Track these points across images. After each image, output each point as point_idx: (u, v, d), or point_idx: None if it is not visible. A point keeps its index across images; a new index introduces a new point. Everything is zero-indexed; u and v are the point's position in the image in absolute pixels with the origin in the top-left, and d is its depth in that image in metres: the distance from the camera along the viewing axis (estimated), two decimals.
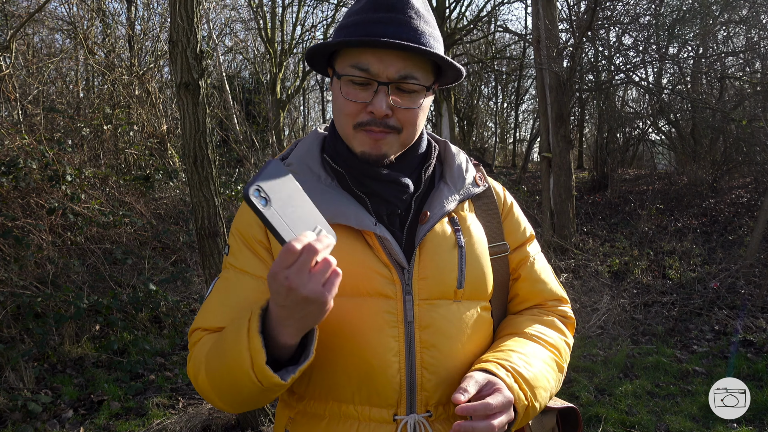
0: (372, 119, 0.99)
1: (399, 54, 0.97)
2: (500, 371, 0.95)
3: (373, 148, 1.01)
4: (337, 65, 1.02)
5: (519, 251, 1.16)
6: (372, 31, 0.96)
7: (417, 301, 1.00)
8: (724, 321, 4.85)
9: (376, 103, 0.97)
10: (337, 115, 1.04)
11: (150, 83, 8.04)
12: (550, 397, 1.04)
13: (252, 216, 1.07)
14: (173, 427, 3.20)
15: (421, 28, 0.98)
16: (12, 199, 5.11)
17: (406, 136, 1.03)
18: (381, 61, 0.96)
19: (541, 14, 7.62)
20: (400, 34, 0.96)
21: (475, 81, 16.33)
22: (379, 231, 1.00)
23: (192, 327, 1.06)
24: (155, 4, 9.90)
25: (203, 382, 0.97)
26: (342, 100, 1.00)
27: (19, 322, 4.15)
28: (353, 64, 0.98)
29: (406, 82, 0.98)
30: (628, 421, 3.33)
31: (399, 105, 0.99)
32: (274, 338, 0.87)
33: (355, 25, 0.98)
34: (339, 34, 1.01)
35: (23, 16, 7.06)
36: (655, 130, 12.26)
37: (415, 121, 1.02)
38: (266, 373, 0.85)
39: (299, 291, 0.80)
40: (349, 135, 1.02)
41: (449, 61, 1.00)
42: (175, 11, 2.96)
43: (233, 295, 1.03)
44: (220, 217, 3.14)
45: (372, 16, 0.97)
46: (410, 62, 0.98)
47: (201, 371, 0.97)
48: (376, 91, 0.97)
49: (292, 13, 13.46)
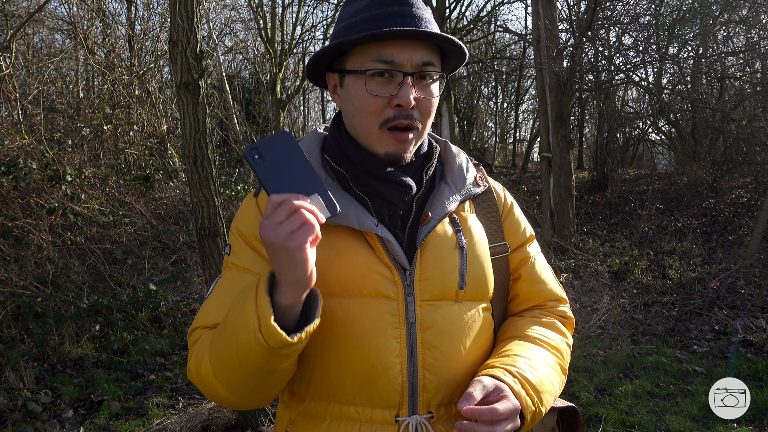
0: (398, 113, 0.99)
1: (419, 44, 0.99)
2: (507, 377, 0.95)
3: (397, 149, 1.01)
4: (351, 63, 1.01)
5: (519, 251, 1.16)
6: (390, 24, 0.97)
7: (418, 302, 1.00)
8: (724, 321, 4.85)
9: (403, 94, 0.97)
10: (358, 115, 1.02)
11: (150, 83, 8.04)
12: (554, 399, 1.04)
13: (252, 215, 1.07)
14: (173, 427, 3.20)
15: (428, 17, 1.01)
16: (12, 199, 5.11)
17: (423, 129, 1.04)
18: (404, 51, 0.97)
19: (541, 14, 7.62)
20: (416, 23, 0.98)
21: (475, 81, 16.34)
22: (381, 232, 0.99)
23: (192, 326, 1.05)
24: (155, 4, 9.90)
25: (206, 370, 0.94)
26: (365, 97, 0.99)
27: (19, 322, 4.15)
28: (376, 58, 0.98)
29: (428, 70, 1.00)
30: (628, 421, 3.33)
31: (421, 95, 1.00)
32: (278, 302, 0.87)
33: (368, 22, 0.98)
34: (348, 32, 1.00)
35: (23, 16, 7.06)
36: (655, 130, 12.27)
37: (432, 112, 1.04)
38: (273, 330, 0.83)
39: (267, 238, 0.83)
40: (372, 135, 1.01)
41: (461, 45, 1.02)
42: (175, 11, 2.96)
43: (236, 293, 1.02)
44: (220, 217, 3.14)
45: (384, 10, 0.98)
46: (427, 51, 1.00)
47: (204, 359, 0.95)
48: (400, 83, 0.98)
49: (292, 13, 13.47)
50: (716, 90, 10.02)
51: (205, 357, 0.95)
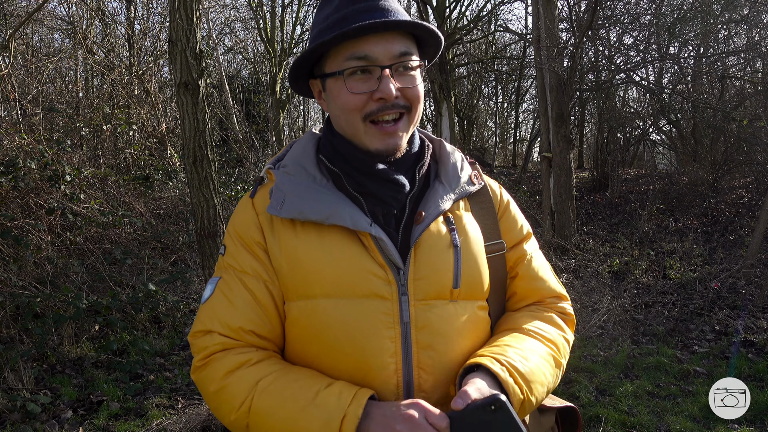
0: (381, 106, 0.99)
1: (391, 34, 0.98)
2: (495, 365, 0.95)
3: (387, 144, 1.01)
4: (329, 66, 1.02)
5: (516, 249, 1.16)
6: (358, 20, 0.97)
7: (413, 302, 1.00)
8: (725, 321, 4.84)
9: (384, 87, 0.97)
10: (341, 113, 1.03)
11: (149, 83, 8.03)
12: (547, 392, 1.03)
13: (249, 217, 1.07)
14: (173, 428, 3.19)
15: (396, 8, 1.01)
16: (11, 199, 5.10)
17: (414, 114, 1.04)
18: (377, 45, 0.97)
19: (541, 14, 7.61)
20: (385, 16, 0.98)
21: (475, 81, 16.33)
22: (375, 231, 0.99)
23: (200, 328, 1.04)
24: (155, 4, 9.90)
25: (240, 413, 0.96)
26: (345, 95, 1.00)
27: (18, 322, 4.14)
28: (350, 56, 0.98)
29: (407, 60, 0.99)
30: (629, 422, 3.32)
31: (403, 84, 1.00)
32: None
33: (338, 23, 0.99)
34: (320, 36, 1.01)
35: (22, 16, 7.06)
36: (655, 130, 12.25)
37: (420, 98, 1.04)
38: None
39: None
40: (359, 131, 1.02)
41: (434, 30, 1.02)
42: (175, 11, 2.95)
43: (239, 297, 1.03)
44: (219, 217, 3.13)
45: (353, 8, 0.99)
46: (402, 41, 1.00)
47: (239, 409, 0.95)
48: (379, 77, 0.98)
49: (292, 13, 13.46)
50: (717, 90, 10.01)
51: (240, 408, 0.95)
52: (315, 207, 0.99)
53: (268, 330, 1.03)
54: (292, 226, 1.02)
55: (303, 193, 1.02)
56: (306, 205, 1.00)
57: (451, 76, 12.62)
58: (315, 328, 0.98)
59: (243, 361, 0.99)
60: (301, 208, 1.00)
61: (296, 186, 1.03)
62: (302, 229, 1.02)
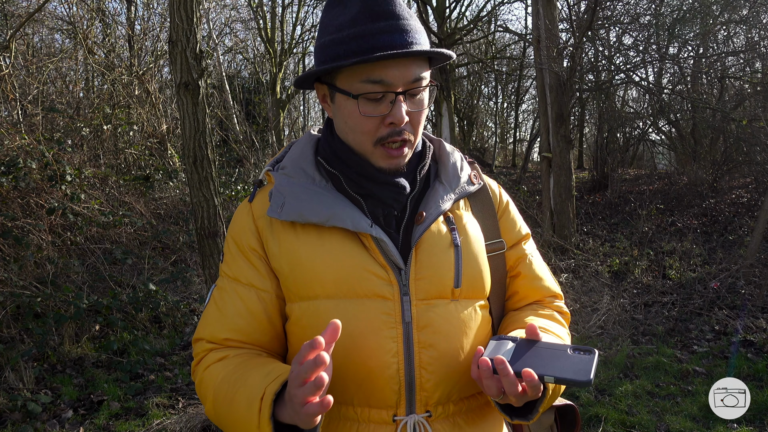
0: (392, 131, 0.99)
1: (408, 60, 0.97)
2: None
3: (393, 164, 1.02)
4: (341, 82, 1.00)
5: (516, 248, 1.17)
6: (378, 42, 0.95)
7: (414, 302, 1.00)
8: (725, 321, 4.85)
9: (397, 113, 0.97)
10: (352, 133, 1.02)
11: (150, 83, 8.04)
12: None
13: (245, 223, 1.08)
14: (173, 428, 3.20)
15: (415, 27, 0.99)
16: (12, 199, 5.11)
17: (415, 139, 1.04)
18: (394, 69, 0.96)
19: (541, 14, 7.62)
20: (404, 39, 0.96)
21: (475, 81, 16.34)
22: (375, 232, 1.00)
23: (195, 336, 1.09)
24: (155, 4, 9.90)
25: (209, 412, 1.02)
26: (358, 118, 0.99)
27: (18, 322, 4.15)
28: (365, 79, 0.96)
29: (420, 84, 0.99)
30: (629, 422, 3.32)
31: (412, 108, 1.00)
32: (278, 414, 0.89)
33: (356, 40, 0.96)
34: (335, 49, 0.98)
35: (23, 16, 7.07)
36: (655, 130, 12.26)
37: (422, 121, 1.05)
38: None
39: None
40: (367, 152, 1.02)
41: (450, 56, 1.02)
42: (175, 11, 2.96)
43: (229, 305, 1.05)
44: (219, 217, 3.14)
45: (372, 27, 0.96)
46: (416, 64, 0.98)
47: (208, 401, 1.01)
48: (393, 101, 0.97)
49: (292, 13, 13.48)
50: (716, 90, 10.01)
51: (209, 400, 1.00)
52: (315, 209, 1.00)
53: (257, 338, 1.05)
54: (293, 228, 1.03)
55: (302, 195, 1.02)
56: (306, 207, 1.00)
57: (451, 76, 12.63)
58: (317, 328, 0.98)
59: (221, 357, 1.03)
60: (301, 211, 1.00)
61: (296, 188, 1.03)
62: (303, 230, 1.02)
